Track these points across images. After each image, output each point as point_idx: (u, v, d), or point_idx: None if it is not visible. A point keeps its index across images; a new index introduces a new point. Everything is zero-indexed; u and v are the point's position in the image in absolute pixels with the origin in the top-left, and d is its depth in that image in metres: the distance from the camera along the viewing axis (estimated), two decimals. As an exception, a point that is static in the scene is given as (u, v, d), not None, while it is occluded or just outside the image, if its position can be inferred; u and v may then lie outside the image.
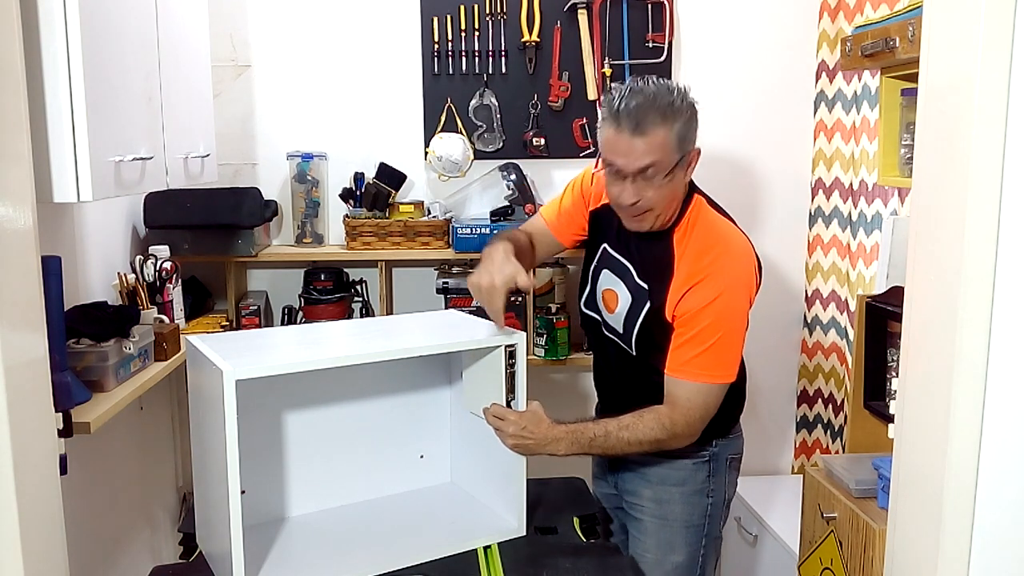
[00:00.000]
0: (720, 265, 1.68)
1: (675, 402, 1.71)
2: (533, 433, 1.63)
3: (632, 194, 1.64)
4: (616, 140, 1.62)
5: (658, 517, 1.87)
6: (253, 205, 2.60)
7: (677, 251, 1.72)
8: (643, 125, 1.59)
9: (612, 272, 1.83)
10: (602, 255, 1.86)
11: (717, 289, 1.66)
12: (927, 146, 1.22)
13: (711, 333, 1.67)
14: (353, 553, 1.59)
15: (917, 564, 1.25)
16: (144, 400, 2.41)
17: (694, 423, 1.71)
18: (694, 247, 1.71)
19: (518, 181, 2.68)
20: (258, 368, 1.41)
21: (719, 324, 1.67)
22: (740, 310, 1.70)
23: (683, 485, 1.85)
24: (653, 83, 1.64)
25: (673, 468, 1.85)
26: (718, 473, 1.87)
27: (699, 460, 1.85)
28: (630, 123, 1.59)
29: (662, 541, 1.86)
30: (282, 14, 2.75)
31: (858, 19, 2.54)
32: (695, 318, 1.67)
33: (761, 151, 2.86)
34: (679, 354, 1.70)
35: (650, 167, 1.61)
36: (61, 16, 1.50)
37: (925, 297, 1.22)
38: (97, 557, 2.24)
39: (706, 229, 1.73)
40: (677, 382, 1.71)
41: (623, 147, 1.61)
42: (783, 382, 3.00)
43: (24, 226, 1.21)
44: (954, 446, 1.15)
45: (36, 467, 1.25)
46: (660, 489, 1.86)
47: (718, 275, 1.67)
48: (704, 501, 1.87)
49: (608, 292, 1.83)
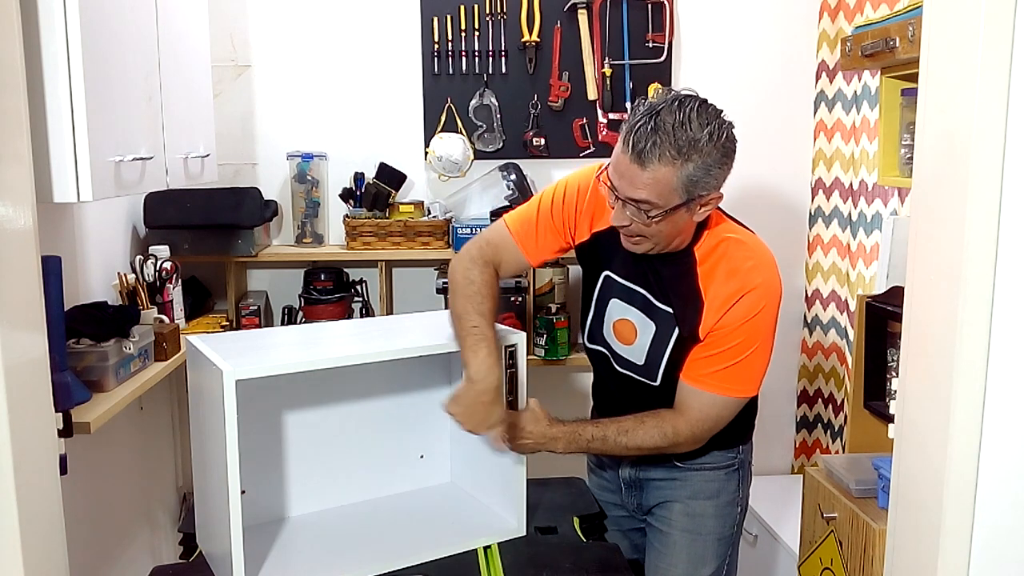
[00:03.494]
0: (758, 281, 1.58)
1: (686, 411, 1.63)
2: (532, 433, 1.62)
3: (618, 218, 1.53)
4: (620, 157, 1.47)
5: (689, 531, 1.77)
6: (253, 205, 2.60)
7: (701, 270, 1.60)
8: (647, 157, 1.42)
9: (623, 301, 1.68)
10: (605, 283, 1.71)
11: (756, 306, 1.57)
12: (927, 146, 1.22)
13: (744, 348, 1.59)
14: (353, 553, 1.58)
15: (917, 564, 1.25)
16: (144, 400, 2.41)
17: (701, 434, 1.64)
18: (725, 265, 1.59)
19: (518, 181, 2.68)
20: (258, 368, 1.41)
21: (753, 339, 1.59)
22: (773, 323, 1.62)
23: (717, 497, 1.77)
24: (691, 110, 1.44)
25: (706, 480, 1.77)
26: (745, 479, 1.82)
27: (730, 469, 1.78)
28: (635, 148, 1.43)
29: (694, 556, 1.77)
30: (282, 14, 2.75)
31: (858, 19, 2.54)
32: (731, 334, 1.58)
33: (761, 151, 2.86)
34: (702, 365, 1.61)
35: (644, 203, 1.47)
36: (61, 16, 1.50)
37: (925, 297, 1.22)
38: (97, 557, 2.24)
39: (733, 244, 1.61)
40: (694, 391, 1.62)
41: (622, 168, 1.47)
42: (783, 382, 3.00)
43: (24, 226, 1.21)
44: (954, 446, 1.15)
45: (36, 467, 1.25)
46: (693, 503, 1.77)
47: (758, 292, 1.57)
48: (734, 511, 1.80)
49: (622, 323, 1.69)
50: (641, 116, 1.44)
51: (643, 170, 1.43)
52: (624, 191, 1.48)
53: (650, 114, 1.44)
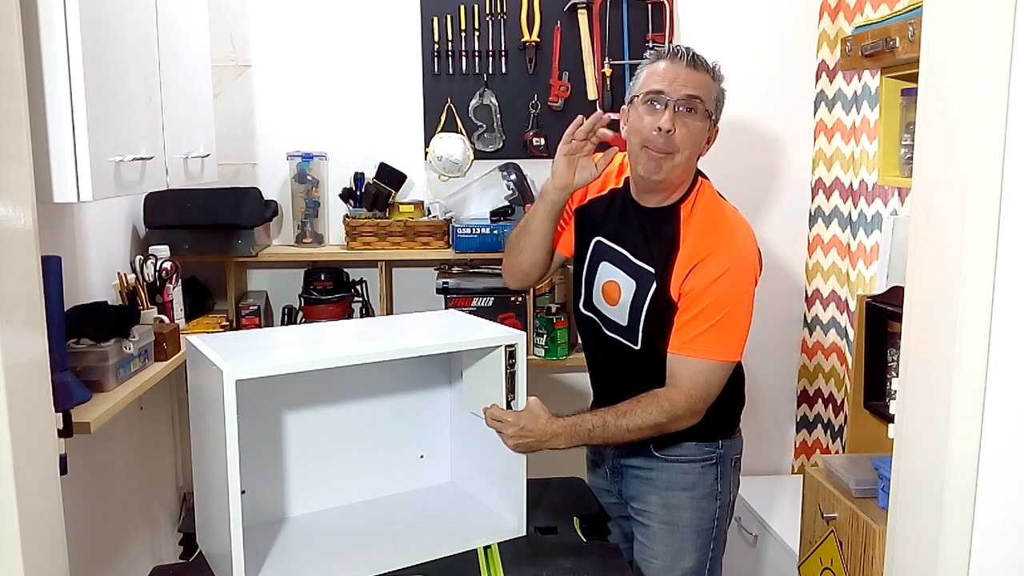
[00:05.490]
0: (726, 242, 1.68)
1: (677, 382, 1.68)
2: (532, 431, 1.63)
3: (670, 121, 1.65)
4: (669, 69, 1.67)
5: (667, 523, 1.83)
6: (253, 205, 2.60)
7: (683, 227, 1.71)
8: (699, 63, 1.68)
9: (610, 262, 1.80)
10: (596, 248, 1.83)
11: (724, 265, 1.65)
12: (927, 146, 1.22)
13: (717, 310, 1.66)
14: (353, 553, 1.59)
15: (917, 564, 1.25)
16: (144, 400, 2.41)
17: (696, 403, 1.68)
18: (699, 222, 1.71)
19: (518, 181, 2.68)
20: (258, 368, 1.42)
21: (725, 301, 1.66)
22: (746, 287, 1.69)
23: (692, 490, 1.82)
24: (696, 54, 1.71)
25: (681, 472, 1.82)
26: (725, 475, 1.85)
27: (707, 463, 1.83)
28: (686, 57, 1.67)
29: (671, 547, 1.83)
30: (282, 14, 2.75)
31: (858, 19, 2.54)
32: (701, 295, 1.66)
33: (761, 151, 2.87)
34: (683, 332, 1.69)
35: (696, 99, 1.66)
36: (61, 16, 1.50)
37: (925, 297, 1.22)
38: (97, 557, 2.23)
39: (711, 207, 1.74)
40: (680, 360, 1.69)
41: (675, 74, 1.66)
42: (783, 382, 3.00)
43: (24, 226, 1.21)
44: (954, 446, 1.15)
45: (36, 467, 1.25)
46: (668, 495, 1.83)
47: (724, 251, 1.67)
48: (713, 505, 1.84)
49: (609, 284, 1.80)
50: (673, 46, 1.71)
51: (696, 72, 1.68)
52: (677, 91, 1.66)
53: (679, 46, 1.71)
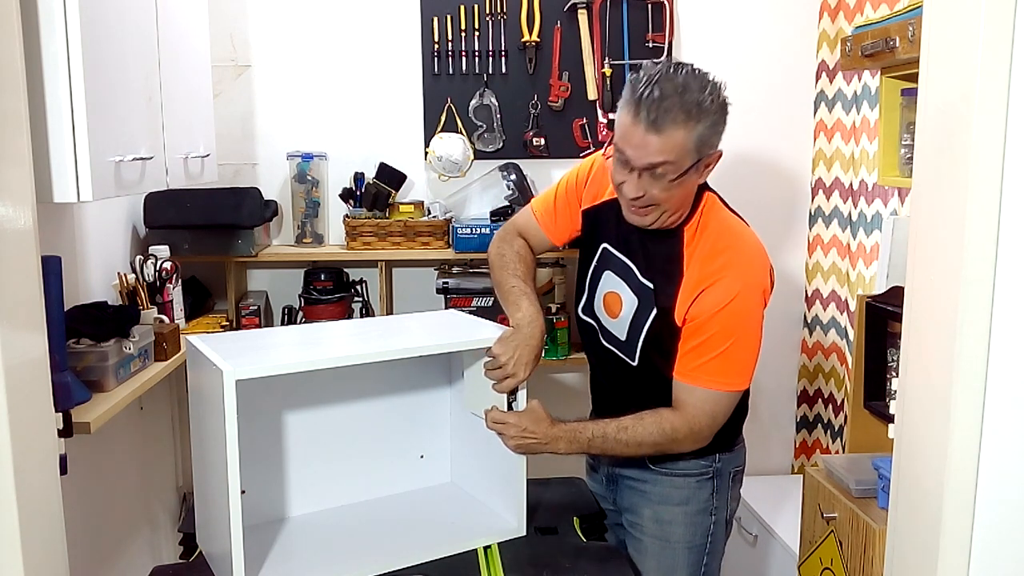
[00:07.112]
0: (734, 267, 1.60)
1: (682, 408, 1.63)
2: (534, 433, 1.62)
3: (635, 188, 1.55)
4: (631, 129, 1.50)
5: (659, 538, 1.77)
6: (253, 205, 2.60)
7: (687, 251, 1.63)
8: (661, 122, 1.47)
9: (614, 273, 1.72)
10: (602, 255, 1.75)
11: (732, 291, 1.58)
12: (927, 146, 1.22)
13: (723, 339, 1.59)
14: (353, 553, 1.58)
15: (917, 564, 1.25)
16: (144, 400, 2.41)
17: (700, 431, 1.63)
18: (706, 247, 1.62)
19: (518, 181, 2.68)
20: (258, 368, 1.41)
21: (733, 328, 1.59)
22: (754, 314, 1.61)
23: (686, 504, 1.76)
24: (687, 75, 1.51)
25: (675, 487, 1.76)
26: (721, 490, 1.78)
27: (703, 477, 1.76)
28: (648, 116, 1.47)
29: (664, 564, 1.77)
30: (282, 14, 2.75)
31: (858, 19, 2.54)
32: (708, 322, 1.59)
33: (761, 151, 2.86)
34: (689, 359, 1.62)
35: (660, 166, 1.50)
36: (61, 16, 1.50)
37: (925, 297, 1.22)
38: (97, 557, 2.23)
39: (719, 229, 1.64)
40: (685, 387, 1.63)
41: (636, 139, 1.50)
42: (783, 382, 3.00)
43: (24, 226, 1.21)
44: (954, 446, 1.15)
45: (36, 467, 1.25)
46: (661, 509, 1.77)
47: (734, 276, 1.59)
48: (707, 520, 1.77)
49: (611, 295, 1.73)
50: (643, 87, 1.48)
51: (659, 136, 1.48)
52: (641, 160, 1.51)
53: (651, 84, 1.48)
